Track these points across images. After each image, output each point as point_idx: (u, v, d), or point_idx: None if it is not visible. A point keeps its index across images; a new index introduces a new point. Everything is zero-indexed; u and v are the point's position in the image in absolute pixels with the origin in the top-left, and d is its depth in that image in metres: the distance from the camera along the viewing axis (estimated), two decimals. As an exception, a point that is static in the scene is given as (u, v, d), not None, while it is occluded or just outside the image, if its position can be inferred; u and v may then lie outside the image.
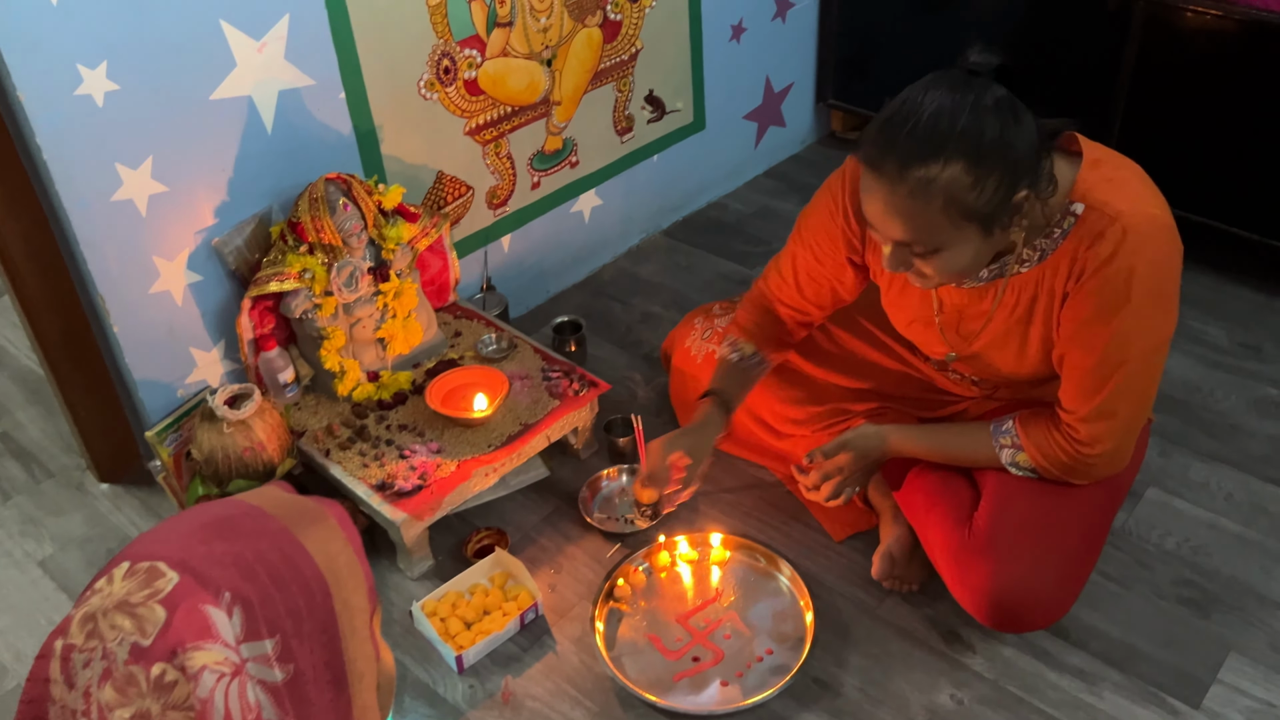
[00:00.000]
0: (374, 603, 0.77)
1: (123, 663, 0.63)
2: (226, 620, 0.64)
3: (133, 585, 0.65)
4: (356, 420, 1.81)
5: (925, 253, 1.31)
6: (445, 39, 1.90)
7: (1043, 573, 1.48)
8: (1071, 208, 1.33)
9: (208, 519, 0.71)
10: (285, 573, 0.68)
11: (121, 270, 1.65)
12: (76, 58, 1.47)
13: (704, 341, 1.91)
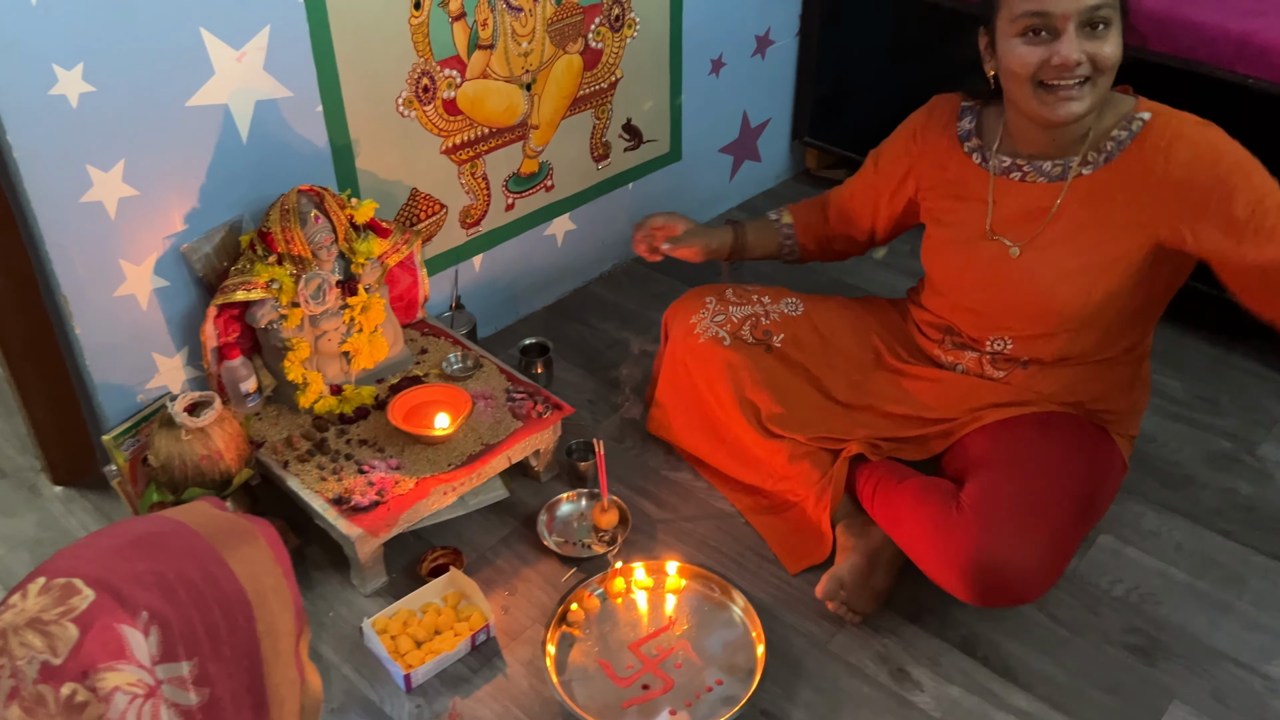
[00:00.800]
0: (301, 625, 0.76)
1: (31, 681, 0.61)
2: (143, 640, 0.64)
3: (47, 601, 0.64)
4: (317, 433, 1.80)
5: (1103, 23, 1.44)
6: (426, 58, 1.91)
7: (1029, 540, 1.50)
8: (1138, 114, 1.53)
9: (132, 536, 0.70)
10: (207, 594, 0.68)
11: (87, 272, 1.64)
12: (53, 58, 1.47)
13: (712, 324, 1.86)
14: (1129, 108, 1.55)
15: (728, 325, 1.85)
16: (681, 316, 1.89)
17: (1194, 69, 2.05)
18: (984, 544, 1.50)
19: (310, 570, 1.76)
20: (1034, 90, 1.49)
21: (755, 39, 2.55)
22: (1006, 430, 1.67)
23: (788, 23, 2.61)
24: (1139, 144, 1.51)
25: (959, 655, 1.63)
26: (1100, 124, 1.54)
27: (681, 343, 1.87)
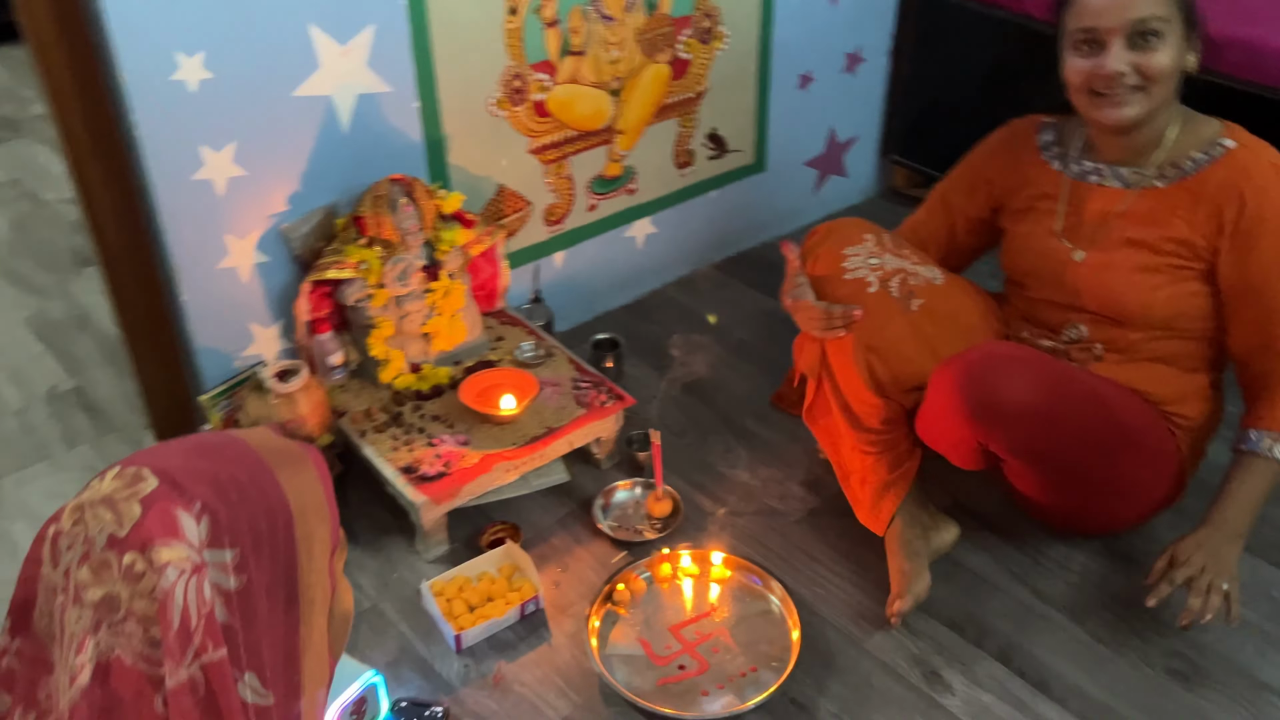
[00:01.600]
0: (336, 542, 0.85)
1: (100, 548, 0.72)
2: (194, 526, 0.74)
3: (119, 485, 0.75)
4: (394, 407, 1.92)
5: (1153, 35, 1.50)
6: (519, 61, 2.02)
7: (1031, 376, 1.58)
8: (1222, 140, 1.58)
9: (198, 443, 0.81)
10: (254, 497, 0.77)
11: (196, 244, 1.79)
12: (176, 46, 1.62)
13: (866, 264, 1.73)
14: (1214, 132, 1.60)
15: (880, 271, 1.73)
16: (835, 243, 1.77)
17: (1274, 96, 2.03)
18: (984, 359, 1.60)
19: (379, 534, 1.88)
20: (1088, 98, 1.59)
21: (846, 56, 2.60)
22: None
23: (879, 42, 2.66)
24: (1215, 169, 1.58)
25: (994, 664, 1.65)
26: (1181, 141, 1.61)
27: (826, 269, 1.74)
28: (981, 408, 1.58)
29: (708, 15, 2.26)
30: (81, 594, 0.72)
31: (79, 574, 0.72)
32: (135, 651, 0.72)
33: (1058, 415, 1.59)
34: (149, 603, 0.72)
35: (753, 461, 2.04)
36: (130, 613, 0.72)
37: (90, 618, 0.72)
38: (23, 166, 3.21)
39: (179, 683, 0.72)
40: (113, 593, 0.72)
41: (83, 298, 2.56)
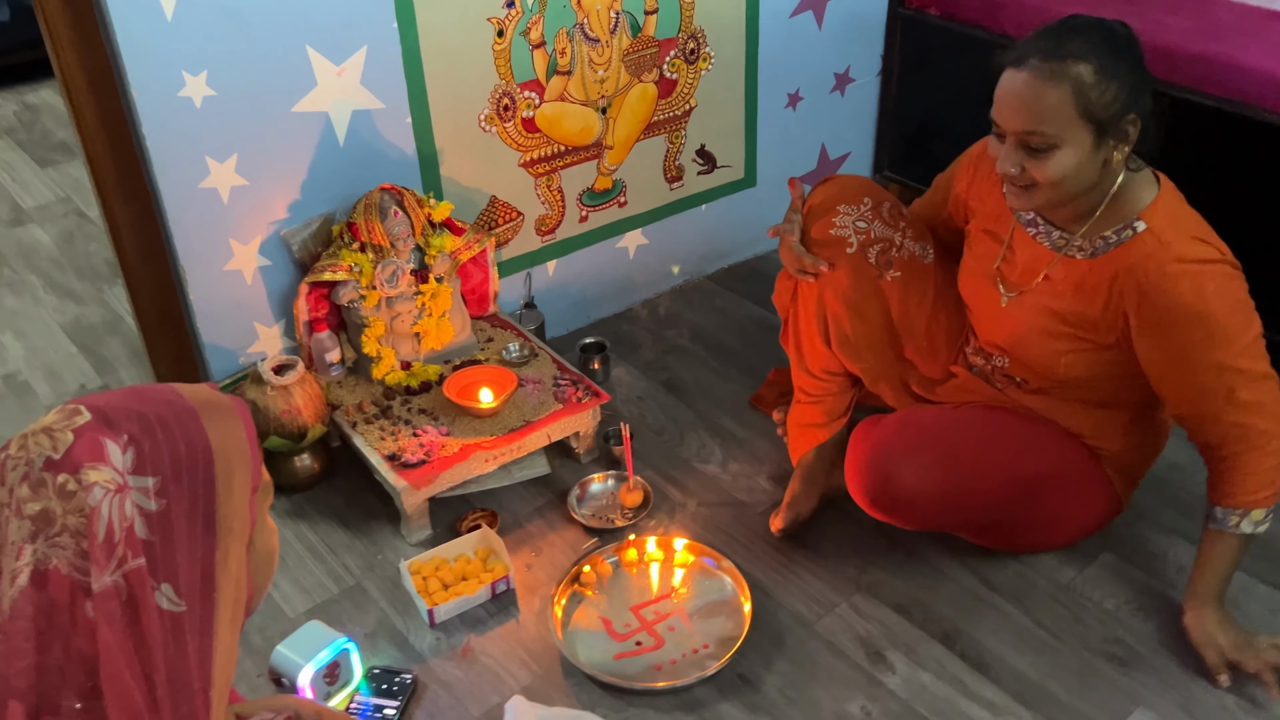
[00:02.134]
0: (258, 483, 0.97)
1: (38, 469, 0.85)
2: (120, 454, 0.86)
3: (58, 417, 0.88)
4: (385, 401, 2.06)
5: (1041, 147, 1.49)
6: (507, 80, 2.16)
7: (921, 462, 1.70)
8: (1134, 223, 1.55)
9: (135, 390, 0.94)
10: (177, 435, 0.90)
11: (202, 248, 1.95)
12: (182, 65, 1.78)
13: (853, 225, 1.82)
14: (1136, 209, 1.56)
15: (864, 236, 1.81)
16: (832, 197, 1.86)
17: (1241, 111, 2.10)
18: (881, 452, 1.71)
19: (367, 520, 2.01)
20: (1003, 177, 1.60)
21: (835, 76, 2.71)
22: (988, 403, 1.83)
23: (869, 63, 2.76)
24: (1121, 253, 1.55)
25: (937, 646, 1.73)
26: (1105, 216, 1.57)
27: (816, 218, 1.84)
28: (880, 502, 1.74)
29: (693, 37, 2.39)
30: (21, 507, 0.85)
31: (20, 490, 0.85)
32: (68, 561, 0.85)
33: (957, 501, 1.72)
34: (79, 518, 0.84)
35: (725, 457, 2.14)
36: (64, 527, 0.84)
37: (29, 528, 0.84)
38: (73, 186, 3.43)
39: (104, 586, 0.84)
40: (48, 508, 0.85)
41: (115, 305, 2.74)
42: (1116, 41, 1.48)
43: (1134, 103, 1.48)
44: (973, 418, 1.79)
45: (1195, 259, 1.52)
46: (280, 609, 1.84)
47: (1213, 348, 1.52)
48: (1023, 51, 1.50)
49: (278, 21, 1.84)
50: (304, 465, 2.05)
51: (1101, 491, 1.79)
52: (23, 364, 2.55)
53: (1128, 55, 1.48)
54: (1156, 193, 1.57)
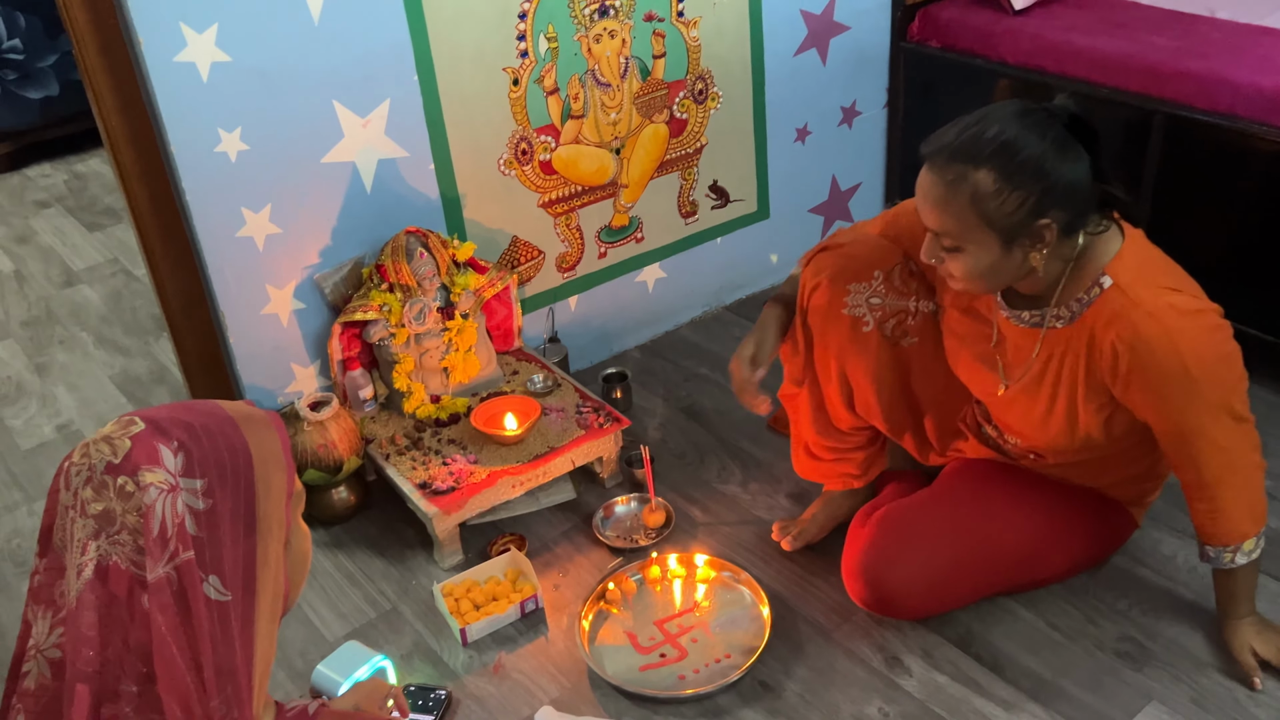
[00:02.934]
0: (292, 491, 1.07)
1: (100, 473, 0.95)
2: (172, 457, 0.96)
3: (115, 428, 0.98)
4: (416, 433, 2.15)
5: (950, 248, 1.49)
6: (524, 126, 2.28)
7: (908, 564, 1.72)
8: (1101, 279, 1.51)
9: (183, 403, 1.04)
10: (221, 443, 1.00)
11: (240, 294, 2.07)
12: (218, 123, 1.91)
13: (866, 304, 1.76)
14: (1101, 264, 1.52)
15: (879, 312, 1.77)
16: (842, 276, 1.76)
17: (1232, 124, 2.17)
18: (866, 555, 1.75)
19: (403, 548, 2.10)
20: None
21: (841, 110, 2.81)
22: (985, 468, 1.83)
23: (875, 95, 2.85)
24: (1094, 312, 1.52)
25: (952, 649, 1.78)
26: (1070, 284, 1.54)
27: (824, 300, 1.77)
28: (876, 609, 1.78)
29: (700, 78, 2.50)
30: (86, 508, 0.95)
31: (84, 493, 0.95)
32: (126, 556, 0.94)
33: (953, 598, 1.77)
34: (136, 517, 0.94)
35: (745, 477, 2.21)
36: (123, 525, 0.94)
37: (92, 526, 0.94)
38: (120, 247, 3.59)
39: (157, 577, 0.94)
40: (110, 508, 0.94)
41: (161, 356, 2.87)
42: (1032, 139, 1.41)
43: (1044, 208, 1.43)
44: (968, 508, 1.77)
45: (1168, 313, 1.47)
46: (320, 633, 1.92)
47: (1190, 402, 1.49)
48: (935, 146, 1.48)
49: (305, 79, 1.97)
50: (341, 498, 2.15)
51: (1114, 537, 1.84)
52: (75, 414, 2.68)
53: (1044, 153, 1.41)
54: (1120, 244, 1.53)
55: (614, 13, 2.30)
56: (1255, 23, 2.37)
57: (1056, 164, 1.43)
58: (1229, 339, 1.53)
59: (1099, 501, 1.80)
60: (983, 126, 1.45)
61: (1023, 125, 1.43)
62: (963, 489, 1.81)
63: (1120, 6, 2.60)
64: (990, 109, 1.48)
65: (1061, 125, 1.45)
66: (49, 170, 4.31)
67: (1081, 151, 1.45)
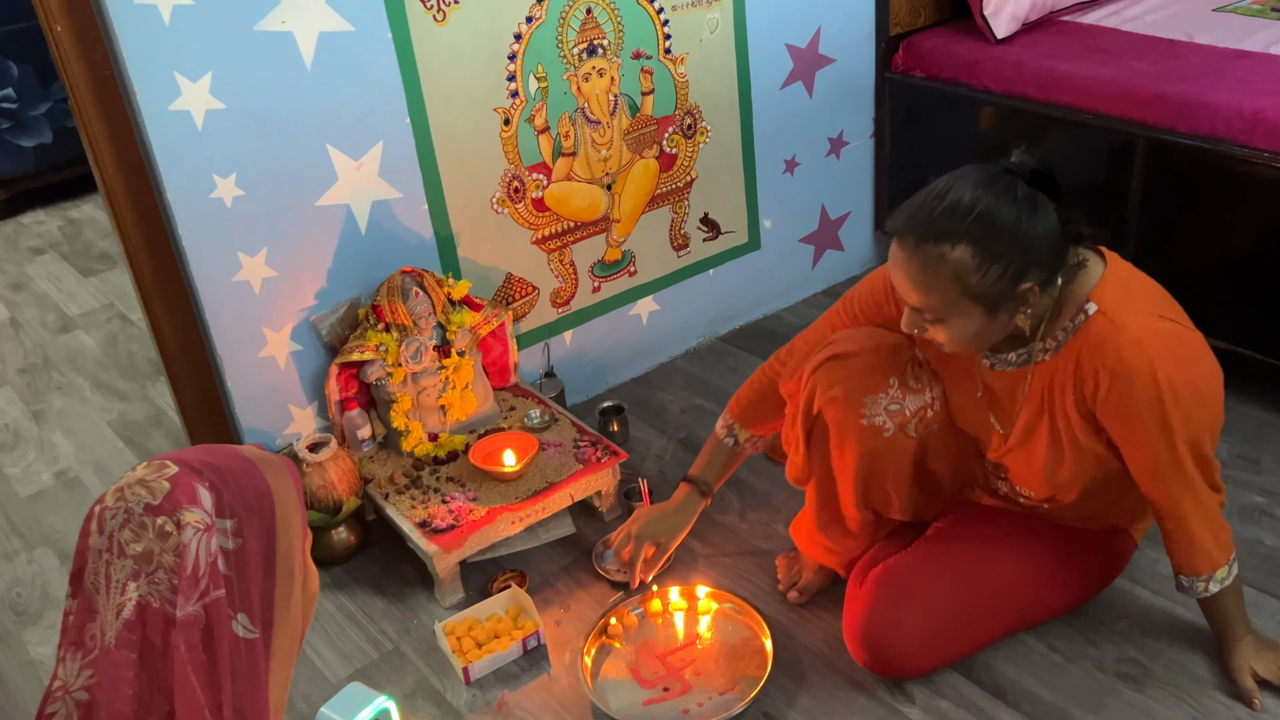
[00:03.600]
0: (305, 530, 1.08)
1: (139, 515, 0.97)
2: (208, 497, 0.98)
3: (149, 471, 1.00)
4: (415, 472, 2.16)
5: (934, 320, 1.51)
6: (516, 164, 2.30)
7: (906, 623, 1.70)
8: (1085, 306, 1.51)
9: (204, 446, 1.06)
10: (245, 484, 1.01)
11: (237, 337, 2.08)
12: (213, 169, 1.94)
13: (885, 412, 1.70)
14: (1085, 292, 1.52)
15: (899, 417, 1.71)
16: (857, 390, 1.70)
17: (1213, 147, 2.20)
18: (866, 619, 1.72)
19: (403, 587, 2.10)
20: None
21: (829, 140, 2.84)
22: (978, 514, 1.83)
23: (861, 125, 2.89)
24: (1079, 339, 1.52)
25: (954, 675, 1.78)
26: (1055, 315, 1.54)
27: (839, 414, 1.71)
28: (879, 670, 1.75)
29: (689, 114, 2.53)
30: (124, 549, 0.96)
31: (121, 535, 0.97)
32: (161, 596, 0.96)
33: (956, 648, 1.75)
34: (173, 557, 0.96)
35: (743, 507, 2.22)
36: (159, 564, 0.96)
37: (131, 567, 0.96)
38: (115, 292, 3.61)
39: (186, 615, 0.95)
40: (149, 548, 0.96)
41: (158, 400, 2.88)
42: (1003, 207, 1.41)
43: (1025, 273, 1.44)
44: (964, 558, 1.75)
45: (1151, 341, 1.47)
46: (322, 674, 1.92)
47: (1163, 435, 1.49)
48: (904, 224, 1.47)
49: (299, 124, 1.99)
50: (341, 538, 2.15)
51: (1115, 554, 1.83)
52: (73, 460, 2.68)
53: (1016, 218, 1.42)
54: (1103, 270, 1.53)
55: (602, 51, 2.33)
56: (1232, 46, 2.41)
57: (1030, 226, 1.43)
58: (1211, 371, 1.54)
59: (1099, 530, 1.80)
60: (952, 200, 1.44)
61: (991, 193, 1.43)
62: (958, 537, 1.79)
63: (1101, 33, 2.65)
64: (952, 179, 1.48)
65: (1024, 182, 1.45)
66: (43, 217, 4.33)
67: (1048, 204, 1.45)
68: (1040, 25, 2.73)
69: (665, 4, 2.39)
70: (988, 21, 2.63)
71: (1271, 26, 2.49)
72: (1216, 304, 2.31)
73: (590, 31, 2.30)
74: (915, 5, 2.82)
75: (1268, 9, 2.63)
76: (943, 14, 2.87)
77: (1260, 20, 2.55)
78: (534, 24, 2.22)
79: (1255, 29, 2.49)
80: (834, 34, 2.71)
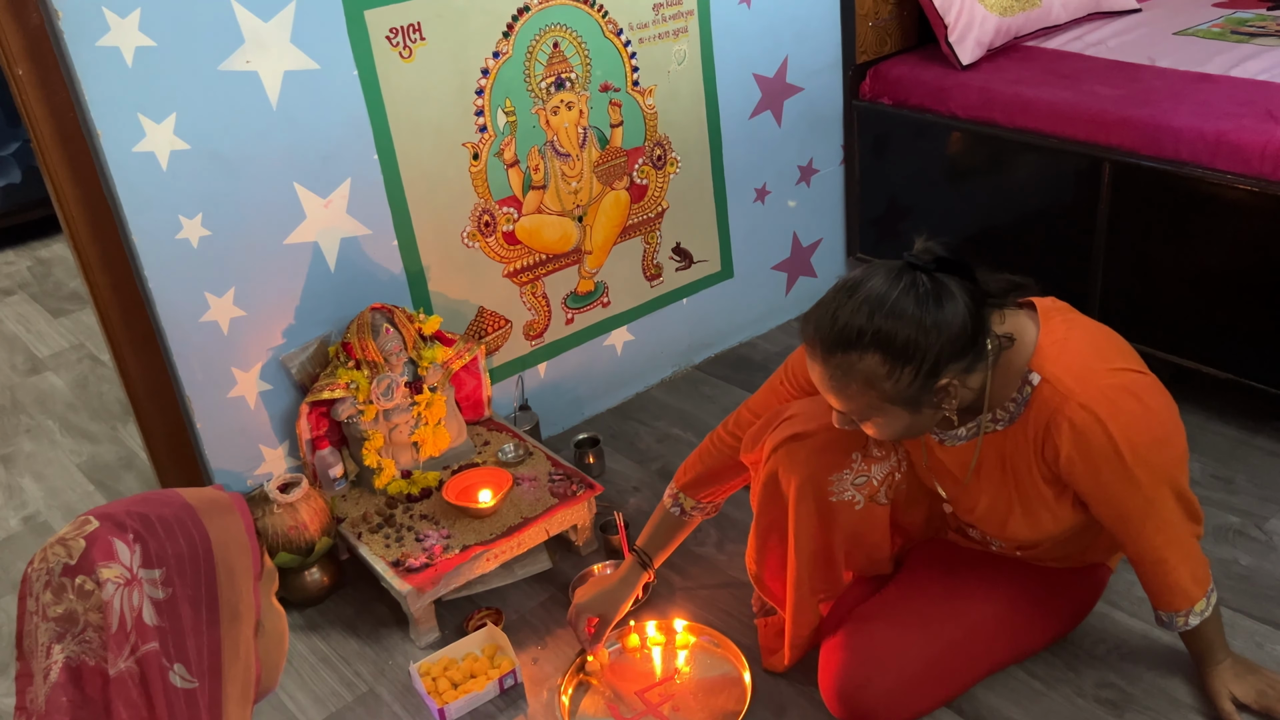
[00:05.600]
0: (259, 572, 1.06)
1: (58, 575, 0.95)
2: (128, 551, 0.96)
3: (70, 529, 0.98)
4: (388, 510, 2.14)
5: (860, 419, 1.50)
6: (486, 198, 2.30)
7: (880, 684, 1.67)
8: (1029, 377, 1.49)
9: (141, 496, 1.04)
10: (178, 532, 0.99)
11: (206, 378, 2.06)
12: (179, 210, 1.92)
13: (852, 486, 1.69)
14: (1024, 362, 1.50)
15: (866, 488, 1.70)
16: (821, 470, 1.67)
17: (1178, 169, 2.22)
18: (838, 679, 1.69)
19: (377, 627, 2.08)
20: None
21: (799, 169, 2.85)
22: (949, 553, 1.82)
23: (830, 153, 2.90)
24: (1030, 411, 1.51)
25: (935, 705, 1.77)
26: (997, 389, 1.52)
27: (807, 497, 1.68)
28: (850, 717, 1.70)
29: (658, 144, 2.53)
30: (46, 611, 0.94)
31: (44, 596, 0.95)
32: (95, 654, 0.94)
33: (932, 697, 1.72)
34: (98, 614, 0.94)
35: (721, 539, 2.21)
36: (87, 624, 0.94)
37: (54, 629, 0.94)
38: (85, 333, 3.57)
39: (119, 671, 0.93)
40: (71, 609, 0.94)
41: (129, 442, 2.85)
42: (904, 314, 1.38)
43: (940, 370, 1.41)
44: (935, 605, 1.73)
45: (1099, 401, 1.45)
46: (295, 719, 1.89)
47: (1131, 489, 1.49)
48: (811, 332, 1.45)
49: (265, 163, 1.98)
50: (313, 579, 2.12)
51: (1090, 586, 1.82)
52: (42, 505, 2.64)
53: (922, 313, 1.38)
54: (1036, 334, 1.50)
55: (570, 84, 2.33)
56: (1194, 70, 2.43)
57: (937, 319, 1.39)
58: (1166, 413, 1.52)
59: (1075, 568, 1.79)
60: (855, 304, 1.41)
61: (888, 294, 1.39)
62: (929, 580, 1.77)
63: (1065, 58, 2.67)
64: (849, 279, 1.45)
65: (929, 274, 1.41)
66: (12, 257, 4.30)
67: (954, 293, 1.40)
68: (1005, 51, 2.76)
69: (632, 36, 2.39)
70: (953, 48, 2.65)
71: (1232, 49, 2.52)
72: (1185, 324, 2.33)
73: (558, 65, 2.30)
74: (881, 33, 2.84)
75: (1227, 31, 2.67)
76: (908, 41, 2.90)
77: (1220, 43, 2.58)
78: (501, 59, 2.22)
79: (1216, 52, 2.52)
80: (801, 63, 2.73)
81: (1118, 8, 2.94)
